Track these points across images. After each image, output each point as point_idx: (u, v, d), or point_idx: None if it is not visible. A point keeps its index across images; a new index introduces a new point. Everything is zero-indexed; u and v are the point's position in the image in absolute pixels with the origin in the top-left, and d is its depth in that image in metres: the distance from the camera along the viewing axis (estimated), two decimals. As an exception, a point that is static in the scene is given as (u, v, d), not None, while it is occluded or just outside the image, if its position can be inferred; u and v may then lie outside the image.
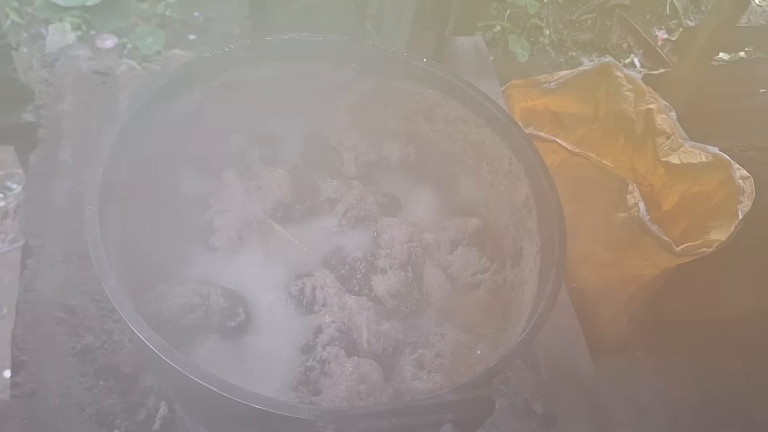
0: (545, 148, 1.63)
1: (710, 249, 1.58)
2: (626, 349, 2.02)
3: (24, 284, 1.29)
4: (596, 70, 1.89)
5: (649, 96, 1.83)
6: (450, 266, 1.07)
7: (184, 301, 0.90)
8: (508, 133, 1.06)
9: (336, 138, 1.17)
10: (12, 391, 1.16)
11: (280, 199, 1.07)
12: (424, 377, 0.90)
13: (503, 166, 1.08)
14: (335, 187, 1.11)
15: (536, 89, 1.96)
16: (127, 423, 1.16)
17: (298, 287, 0.98)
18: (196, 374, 0.70)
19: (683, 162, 1.75)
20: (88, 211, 0.81)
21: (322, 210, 1.10)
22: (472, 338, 0.96)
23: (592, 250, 1.78)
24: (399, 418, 0.69)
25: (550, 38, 3.14)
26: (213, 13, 2.89)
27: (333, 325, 0.93)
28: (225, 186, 1.07)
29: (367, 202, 1.09)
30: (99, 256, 0.77)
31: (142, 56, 2.59)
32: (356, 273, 1.02)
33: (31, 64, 1.68)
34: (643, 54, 3.17)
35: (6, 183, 2.34)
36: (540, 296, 0.90)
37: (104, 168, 0.85)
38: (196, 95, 1.03)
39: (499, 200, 1.10)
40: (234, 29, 2.84)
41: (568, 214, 0.96)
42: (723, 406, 1.94)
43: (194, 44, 2.75)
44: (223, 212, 1.04)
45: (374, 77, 1.13)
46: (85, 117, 1.56)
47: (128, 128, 0.91)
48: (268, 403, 0.69)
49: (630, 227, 1.63)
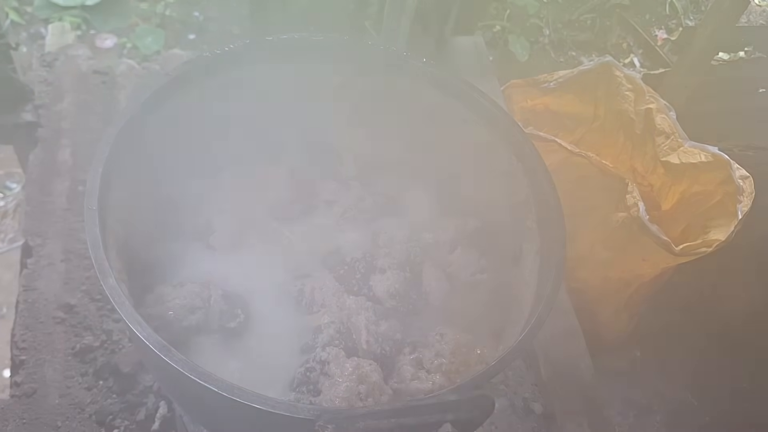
0: (545, 148, 1.63)
1: (710, 249, 1.58)
2: (626, 349, 2.02)
3: (23, 284, 1.29)
4: (596, 70, 1.89)
5: (649, 96, 1.83)
6: (449, 266, 1.07)
7: (185, 303, 0.90)
8: (507, 132, 1.06)
9: (336, 138, 1.16)
10: (12, 391, 1.17)
11: (279, 199, 1.07)
12: (424, 377, 0.90)
13: (503, 165, 1.08)
14: (334, 188, 1.11)
15: (536, 89, 1.96)
16: (126, 423, 1.16)
17: (298, 288, 0.98)
18: (196, 374, 0.70)
19: (683, 162, 1.74)
20: (88, 211, 0.81)
21: (321, 210, 1.10)
22: (471, 338, 0.96)
23: (591, 250, 1.78)
24: (398, 418, 0.69)
25: (550, 38, 3.14)
26: (212, 13, 2.89)
27: (332, 326, 0.93)
28: (224, 186, 1.07)
29: (365, 203, 1.09)
30: (99, 256, 0.77)
31: (142, 56, 2.59)
32: (355, 273, 1.02)
33: (31, 64, 1.68)
34: (642, 54, 3.17)
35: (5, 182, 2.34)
36: (539, 296, 0.90)
37: (104, 168, 0.85)
38: (196, 95, 1.03)
39: (499, 200, 1.10)
40: (234, 29, 2.84)
41: (567, 214, 0.95)
42: (723, 406, 1.94)
43: (194, 44, 2.75)
44: (223, 212, 1.04)
45: (374, 77, 1.13)
46: (85, 116, 1.56)
47: (128, 128, 0.91)
48: (268, 403, 0.69)
49: (629, 227, 1.63)
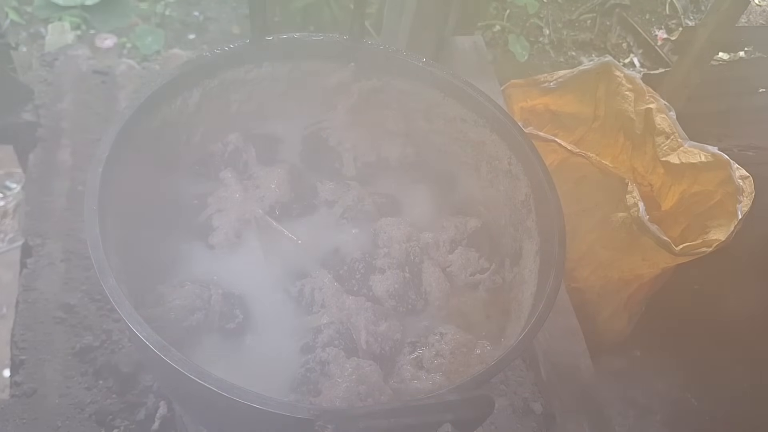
0: (545, 148, 1.63)
1: (709, 249, 1.58)
2: (626, 348, 2.02)
3: (23, 283, 1.29)
4: (596, 70, 1.89)
5: (649, 96, 1.83)
6: (449, 266, 1.07)
7: (185, 303, 0.90)
8: (507, 132, 1.05)
9: (335, 138, 1.16)
10: (12, 391, 1.17)
11: (278, 199, 1.06)
12: (424, 377, 0.90)
13: (503, 165, 1.08)
14: (333, 188, 1.11)
15: (536, 89, 1.96)
16: (126, 422, 1.16)
17: (297, 288, 0.98)
18: (196, 374, 0.70)
19: (683, 162, 1.74)
20: (88, 211, 0.80)
21: (321, 210, 1.10)
22: (471, 338, 0.96)
23: (591, 250, 1.78)
24: (398, 417, 0.68)
25: (550, 38, 3.14)
26: (212, 13, 2.89)
27: (332, 326, 0.93)
28: (224, 185, 1.07)
29: (364, 204, 1.09)
30: (98, 256, 0.77)
31: (142, 56, 2.59)
32: (355, 273, 1.02)
33: (31, 64, 1.68)
34: (642, 54, 3.17)
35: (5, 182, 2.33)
36: (539, 296, 0.89)
37: (104, 168, 0.85)
38: (196, 95, 1.03)
39: (499, 200, 1.10)
40: (233, 29, 2.84)
41: (567, 213, 0.95)
42: (723, 407, 1.94)
43: (194, 44, 2.75)
44: (222, 211, 1.04)
45: (374, 77, 1.13)
46: (85, 116, 1.56)
47: (128, 128, 0.91)
48: (267, 403, 0.69)
49: (629, 227, 1.63)
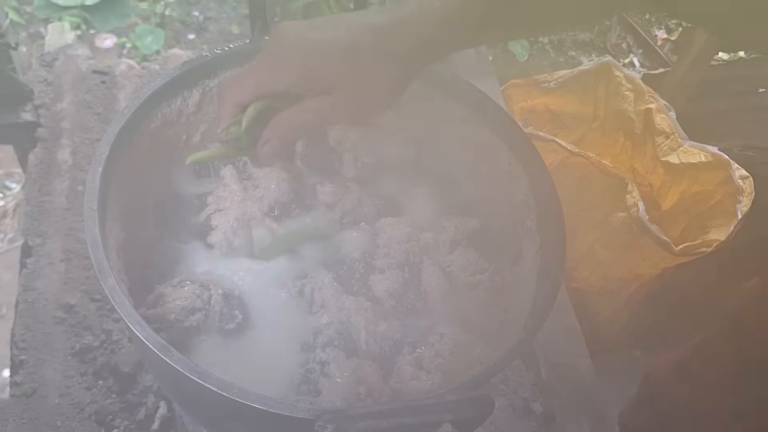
0: (545, 148, 1.63)
1: (709, 249, 1.58)
2: (626, 348, 2.02)
3: (23, 283, 1.28)
4: (596, 70, 1.89)
5: (649, 96, 1.83)
6: (449, 266, 1.07)
7: (185, 304, 0.90)
8: (507, 132, 1.05)
9: (335, 138, 1.16)
10: (11, 391, 1.17)
11: (277, 198, 1.07)
12: (423, 377, 0.90)
13: (502, 165, 1.08)
14: (333, 189, 1.11)
15: (536, 89, 1.96)
16: (126, 422, 1.16)
17: (297, 288, 0.98)
18: (196, 374, 0.70)
19: (682, 162, 1.75)
20: (88, 211, 0.80)
21: (321, 211, 1.10)
22: (471, 338, 0.96)
23: (591, 250, 1.78)
24: (398, 417, 0.68)
25: (550, 38, 3.14)
26: (212, 13, 2.90)
27: (332, 326, 0.93)
28: (223, 185, 1.08)
29: (364, 206, 1.09)
30: (98, 256, 0.77)
31: (142, 55, 2.59)
32: (355, 273, 1.02)
33: (30, 64, 1.68)
34: (642, 54, 3.17)
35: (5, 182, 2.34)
36: (539, 296, 0.89)
37: (104, 168, 0.85)
38: (196, 95, 1.03)
39: (499, 200, 1.10)
40: (233, 29, 2.85)
41: (567, 213, 0.95)
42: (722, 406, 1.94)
43: (194, 43, 2.76)
44: (221, 210, 1.04)
45: (374, 77, 1.13)
46: (85, 116, 1.56)
47: (128, 127, 0.91)
48: (267, 402, 0.69)
49: (629, 227, 1.64)
